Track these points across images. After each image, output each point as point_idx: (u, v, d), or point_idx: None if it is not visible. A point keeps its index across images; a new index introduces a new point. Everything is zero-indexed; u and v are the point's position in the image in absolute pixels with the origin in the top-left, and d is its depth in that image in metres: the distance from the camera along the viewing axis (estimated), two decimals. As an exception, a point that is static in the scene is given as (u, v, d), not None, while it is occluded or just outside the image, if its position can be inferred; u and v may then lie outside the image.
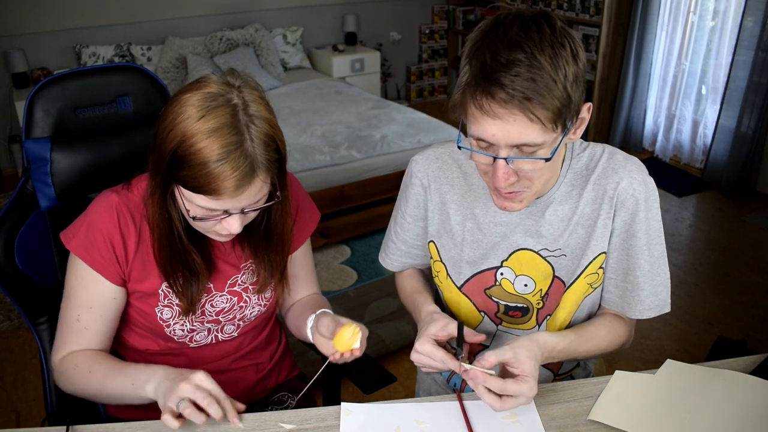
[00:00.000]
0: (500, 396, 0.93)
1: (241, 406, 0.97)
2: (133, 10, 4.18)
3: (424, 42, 5.49)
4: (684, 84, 4.11)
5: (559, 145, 0.93)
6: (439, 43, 5.57)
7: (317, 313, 1.14)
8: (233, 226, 1.01)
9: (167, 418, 0.91)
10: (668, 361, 1.09)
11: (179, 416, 0.92)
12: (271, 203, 1.04)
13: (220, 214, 0.99)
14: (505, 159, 0.92)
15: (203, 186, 0.93)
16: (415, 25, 5.41)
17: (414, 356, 1.02)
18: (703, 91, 4.03)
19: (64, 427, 0.99)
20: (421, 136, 3.40)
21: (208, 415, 0.92)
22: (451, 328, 1.02)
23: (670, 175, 4.08)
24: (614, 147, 1.11)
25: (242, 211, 1.00)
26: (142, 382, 1.00)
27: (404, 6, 5.28)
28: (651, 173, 1.09)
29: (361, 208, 3.23)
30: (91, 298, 1.09)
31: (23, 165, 1.21)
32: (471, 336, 1.04)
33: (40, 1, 3.87)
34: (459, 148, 0.99)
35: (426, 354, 1.00)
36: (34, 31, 3.92)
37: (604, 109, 4.48)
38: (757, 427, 0.94)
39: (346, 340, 1.01)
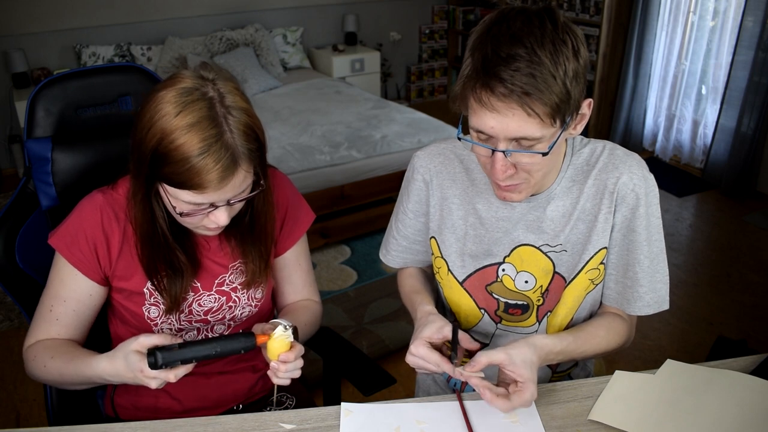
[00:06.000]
0: (508, 399, 0.94)
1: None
2: (133, 10, 4.18)
3: (424, 42, 5.48)
4: (684, 84, 4.10)
5: (557, 139, 0.94)
6: (439, 43, 5.56)
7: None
8: (221, 218, 1.01)
9: (159, 377, 0.95)
10: (668, 361, 1.09)
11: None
12: (256, 192, 1.04)
13: (207, 207, 0.99)
14: (503, 152, 0.93)
15: (187, 181, 0.94)
16: (415, 25, 5.41)
17: (409, 358, 1.03)
18: (703, 91, 4.03)
19: (64, 427, 0.98)
20: (421, 136, 3.40)
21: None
22: (446, 331, 1.03)
23: (670, 175, 4.08)
24: (615, 143, 1.11)
25: (228, 203, 1.00)
26: (96, 359, 1.01)
27: (404, 6, 5.27)
28: (651, 173, 1.10)
29: (361, 208, 3.23)
30: (66, 292, 1.10)
31: (25, 164, 1.21)
32: (467, 342, 1.04)
33: (40, 1, 3.87)
34: (459, 139, 1.00)
35: (421, 357, 1.01)
36: (34, 31, 3.91)
37: (604, 109, 4.48)
38: (757, 427, 0.94)
39: (275, 348, 0.99)
